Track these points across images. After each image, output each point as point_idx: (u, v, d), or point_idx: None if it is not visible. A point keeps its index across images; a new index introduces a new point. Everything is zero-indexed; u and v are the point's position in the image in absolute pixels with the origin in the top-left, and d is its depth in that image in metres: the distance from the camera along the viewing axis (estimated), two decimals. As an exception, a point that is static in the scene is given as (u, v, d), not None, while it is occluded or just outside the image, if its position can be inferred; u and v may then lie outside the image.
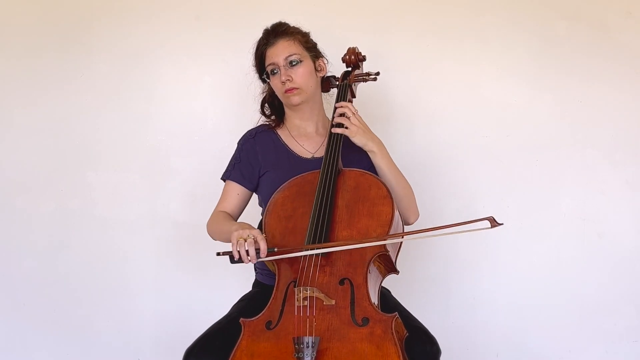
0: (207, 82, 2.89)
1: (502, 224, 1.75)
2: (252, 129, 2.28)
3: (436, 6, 2.84)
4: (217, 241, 2.16)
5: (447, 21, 2.84)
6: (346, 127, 2.06)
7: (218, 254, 1.88)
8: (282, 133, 2.26)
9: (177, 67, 2.89)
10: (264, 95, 2.31)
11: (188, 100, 2.89)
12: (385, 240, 1.85)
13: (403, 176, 2.15)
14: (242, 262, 1.85)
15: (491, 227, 1.75)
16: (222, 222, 2.13)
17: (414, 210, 2.17)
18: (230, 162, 2.25)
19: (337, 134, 2.07)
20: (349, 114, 2.07)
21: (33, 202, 2.88)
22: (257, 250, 1.84)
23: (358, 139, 2.06)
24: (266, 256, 1.85)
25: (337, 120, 2.08)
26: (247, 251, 1.83)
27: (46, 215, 2.88)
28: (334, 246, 1.86)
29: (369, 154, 2.08)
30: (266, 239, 1.86)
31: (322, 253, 1.86)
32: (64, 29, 2.89)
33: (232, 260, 1.86)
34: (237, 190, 2.21)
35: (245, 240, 1.84)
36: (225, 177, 2.23)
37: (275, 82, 2.18)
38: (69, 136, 2.88)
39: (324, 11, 2.84)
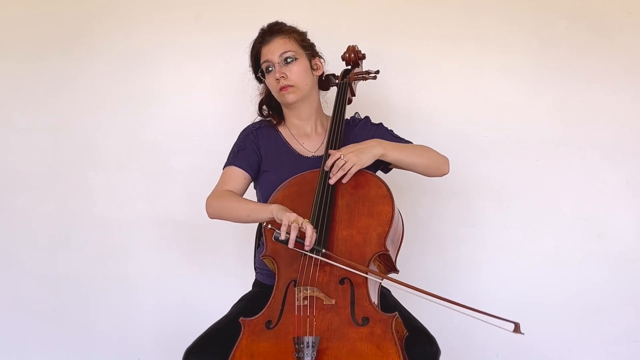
0: (207, 82, 2.89)
1: (523, 333, 1.73)
2: (254, 122, 2.27)
3: (436, 6, 2.84)
4: (216, 219, 2.11)
5: (447, 21, 2.84)
6: (350, 168, 1.98)
7: (266, 225, 1.84)
8: (283, 131, 2.26)
9: (177, 68, 2.89)
10: (262, 97, 2.30)
11: (188, 100, 2.89)
12: (408, 289, 1.81)
13: (416, 146, 2.15)
14: (287, 244, 1.81)
15: (513, 332, 1.73)
16: (243, 199, 2.08)
17: (442, 162, 2.16)
18: (232, 150, 2.21)
19: (337, 132, 2.08)
20: (338, 163, 1.98)
21: (33, 202, 2.89)
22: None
23: (367, 160, 2.00)
24: (311, 251, 1.81)
25: (337, 173, 1.98)
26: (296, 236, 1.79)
27: (46, 215, 2.89)
28: (374, 274, 1.83)
29: (381, 158, 2.04)
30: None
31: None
32: (65, 29, 2.89)
33: (278, 238, 1.81)
34: (243, 175, 2.16)
35: (300, 225, 1.80)
36: (229, 164, 2.18)
37: (270, 80, 2.18)
38: (69, 136, 2.89)
39: (324, 11, 2.84)
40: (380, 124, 2.26)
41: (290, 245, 1.80)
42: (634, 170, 2.82)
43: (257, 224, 2.22)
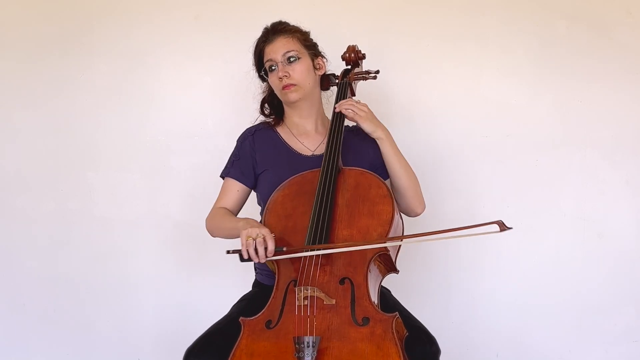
0: (207, 82, 2.89)
1: (511, 227, 1.69)
2: (251, 127, 2.29)
3: (436, 6, 2.84)
4: (217, 237, 2.17)
5: (447, 21, 2.84)
6: (354, 108, 2.09)
7: (228, 252, 1.88)
8: (281, 131, 2.26)
9: (177, 67, 2.89)
10: (264, 95, 2.32)
11: (188, 100, 2.89)
12: (400, 241, 1.84)
13: (409, 165, 2.15)
14: (252, 260, 1.86)
15: (500, 231, 1.69)
16: (225, 218, 2.13)
17: (420, 200, 2.17)
18: (229, 159, 2.25)
19: (338, 132, 2.08)
20: (351, 106, 2.10)
21: (33, 202, 2.89)
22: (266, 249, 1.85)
23: (367, 125, 2.07)
24: (274, 255, 1.85)
25: (346, 105, 2.11)
26: (256, 250, 1.84)
27: (46, 215, 2.88)
28: (343, 247, 1.84)
29: (377, 141, 2.08)
30: (275, 238, 1.86)
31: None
32: (65, 29, 2.89)
33: (242, 259, 1.87)
34: (236, 187, 2.21)
35: (255, 240, 1.84)
36: (224, 175, 2.23)
37: (273, 79, 2.19)
38: (69, 136, 2.89)
39: (324, 11, 2.84)
40: None
41: (255, 260, 1.85)
42: (634, 170, 2.81)
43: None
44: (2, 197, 2.90)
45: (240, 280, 2.38)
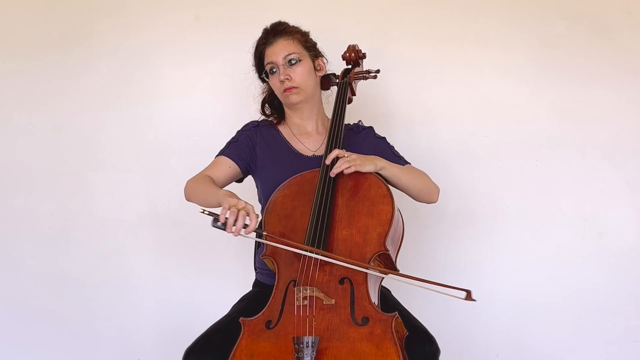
0: (207, 82, 2.89)
1: (475, 300, 1.78)
2: (254, 120, 2.29)
3: (436, 6, 2.85)
4: (191, 202, 2.11)
5: (447, 21, 2.84)
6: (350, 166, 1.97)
7: (202, 211, 1.80)
8: (283, 130, 2.27)
9: (177, 67, 2.89)
10: (264, 95, 2.32)
11: (188, 100, 2.89)
12: (374, 270, 1.84)
13: (413, 169, 2.16)
14: (224, 229, 1.79)
15: (464, 299, 1.78)
16: (209, 184, 2.07)
17: (434, 190, 2.18)
18: (226, 144, 2.23)
19: (338, 132, 2.09)
20: (346, 163, 1.97)
21: (34, 202, 2.89)
22: (245, 226, 1.78)
23: (368, 167, 1.98)
24: (250, 234, 1.80)
25: (341, 164, 1.96)
26: (234, 221, 1.77)
27: (47, 215, 2.89)
28: (325, 255, 1.84)
29: (381, 171, 2.03)
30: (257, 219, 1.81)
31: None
32: (65, 29, 2.90)
33: (214, 224, 1.79)
34: (228, 163, 2.18)
35: (239, 211, 1.79)
36: (219, 154, 2.21)
37: (274, 82, 2.19)
38: (69, 136, 2.89)
39: (325, 11, 2.84)
40: (384, 138, 2.27)
41: (228, 229, 1.77)
42: (634, 170, 2.82)
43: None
44: (3, 196, 2.90)
45: (240, 280, 2.39)
